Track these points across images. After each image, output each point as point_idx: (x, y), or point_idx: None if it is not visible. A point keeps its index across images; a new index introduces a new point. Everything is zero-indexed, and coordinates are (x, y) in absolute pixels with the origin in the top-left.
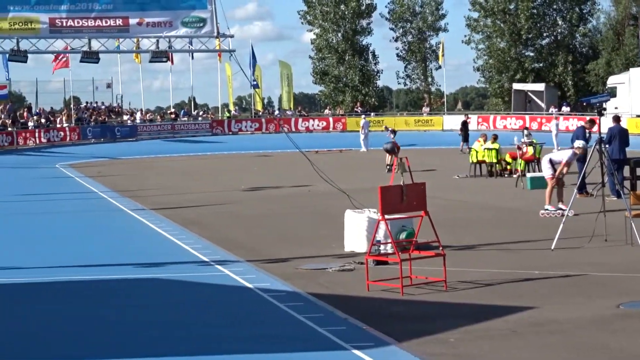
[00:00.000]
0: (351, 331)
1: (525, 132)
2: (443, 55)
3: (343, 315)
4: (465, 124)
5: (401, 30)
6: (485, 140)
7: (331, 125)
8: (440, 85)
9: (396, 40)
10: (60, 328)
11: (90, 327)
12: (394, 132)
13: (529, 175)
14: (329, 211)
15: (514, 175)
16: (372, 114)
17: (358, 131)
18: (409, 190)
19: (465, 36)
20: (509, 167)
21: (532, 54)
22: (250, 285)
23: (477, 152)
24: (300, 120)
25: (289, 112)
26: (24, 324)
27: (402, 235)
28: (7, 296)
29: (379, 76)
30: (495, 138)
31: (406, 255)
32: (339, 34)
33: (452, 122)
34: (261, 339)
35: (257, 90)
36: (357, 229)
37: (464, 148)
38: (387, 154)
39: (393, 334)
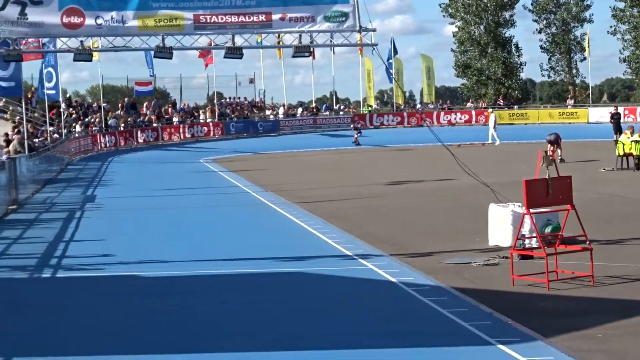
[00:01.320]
0: (496, 326)
1: None
2: (588, 47)
3: (488, 309)
4: (613, 116)
5: (545, 21)
6: (632, 133)
7: (474, 119)
8: (585, 77)
9: (540, 32)
10: (203, 321)
11: (235, 321)
12: (359, 129)
13: None
14: (472, 205)
15: None
16: (516, 106)
17: (501, 124)
18: (555, 184)
19: (610, 27)
20: None
21: None
22: (393, 280)
23: (624, 144)
24: (442, 113)
25: (430, 106)
26: (168, 317)
27: (548, 229)
28: (154, 289)
29: (522, 68)
30: None
31: (552, 249)
32: (482, 27)
33: (597, 114)
34: (405, 334)
35: (397, 83)
36: (501, 223)
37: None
38: (549, 145)
39: (539, 329)
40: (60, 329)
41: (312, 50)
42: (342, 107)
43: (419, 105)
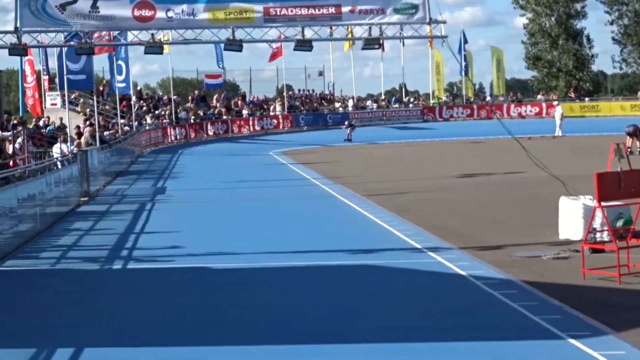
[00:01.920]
0: (567, 320)
1: None
2: None
3: (558, 303)
4: None
5: (617, 13)
6: None
7: (544, 111)
8: None
9: (612, 24)
10: (269, 314)
11: (305, 314)
12: (352, 126)
13: None
14: (542, 198)
15: None
16: (587, 99)
17: (572, 117)
18: (627, 177)
19: None
20: None
21: None
22: (463, 273)
23: None
24: (512, 106)
25: (500, 98)
26: (237, 309)
27: (619, 223)
28: (223, 281)
29: (594, 60)
30: None
31: (624, 243)
32: (553, 18)
33: None
34: (475, 327)
35: (468, 77)
36: (572, 216)
37: None
38: (628, 137)
39: (610, 324)
40: (131, 320)
41: (381, 42)
42: (411, 99)
43: (488, 98)
